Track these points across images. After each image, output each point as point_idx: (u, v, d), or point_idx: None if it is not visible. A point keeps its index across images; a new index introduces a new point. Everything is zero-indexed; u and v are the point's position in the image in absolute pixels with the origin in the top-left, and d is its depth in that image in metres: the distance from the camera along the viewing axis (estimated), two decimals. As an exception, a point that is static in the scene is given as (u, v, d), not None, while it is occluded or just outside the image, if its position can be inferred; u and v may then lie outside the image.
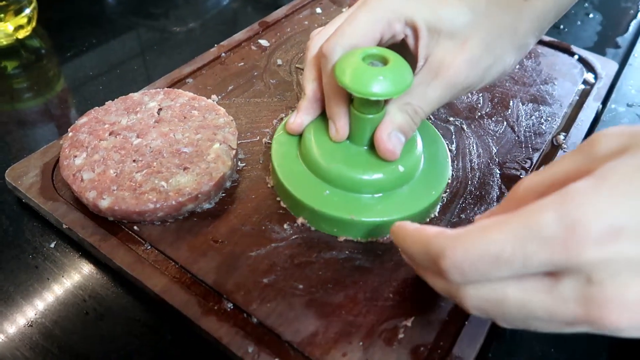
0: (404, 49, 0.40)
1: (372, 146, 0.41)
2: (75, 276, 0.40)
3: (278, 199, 0.44)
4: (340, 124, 0.41)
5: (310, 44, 0.43)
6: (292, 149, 0.44)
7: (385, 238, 0.41)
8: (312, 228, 0.42)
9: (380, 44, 0.40)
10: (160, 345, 0.37)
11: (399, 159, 0.40)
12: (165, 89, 0.51)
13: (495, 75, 0.41)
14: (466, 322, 0.37)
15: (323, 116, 0.44)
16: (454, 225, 0.44)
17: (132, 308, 0.39)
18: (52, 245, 0.42)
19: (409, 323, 0.36)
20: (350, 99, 0.40)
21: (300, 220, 0.42)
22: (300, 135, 0.44)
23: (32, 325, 0.37)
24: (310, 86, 0.43)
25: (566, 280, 0.23)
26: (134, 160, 0.43)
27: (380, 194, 0.41)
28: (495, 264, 0.24)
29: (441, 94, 0.39)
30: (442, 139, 0.47)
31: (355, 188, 0.40)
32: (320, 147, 0.42)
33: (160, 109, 0.49)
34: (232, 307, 0.37)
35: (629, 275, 0.22)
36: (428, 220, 0.44)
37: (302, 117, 0.44)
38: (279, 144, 0.45)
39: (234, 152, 0.45)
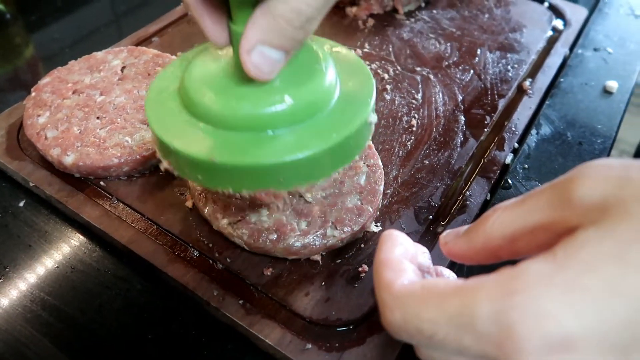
0: None
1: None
2: (45, 233, 0.41)
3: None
4: (206, 22, 0.30)
5: None
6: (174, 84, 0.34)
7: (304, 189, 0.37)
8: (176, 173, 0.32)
9: None
10: (131, 294, 0.38)
11: (286, 88, 0.30)
12: (129, 46, 0.51)
13: None
14: (426, 260, 0.38)
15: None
16: (418, 170, 0.45)
17: (103, 260, 0.39)
18: (21, 204, 0.43)
19: (370, 265, 0.38)
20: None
21: (164, 166, 0.33)
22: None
23: (3, 280, 0.38)
24: None
25: None
26: (97, 117, 0.43)
27: (269, 132, 0.30)
28: (429, 340, 0.22)
29: None
30: (371, 75, 0.34)
31: (230, 124, 0.30)
32: (198, 77, 0.32)
33: (124, 67, 0.48)
34: (198, 255, 0.38)
35: None
36: (353, 164, 0.41)
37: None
38: (162, 78, 0.35)
39: (198, 106, 0.45)
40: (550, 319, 0.18)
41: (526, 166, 0.47)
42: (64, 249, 0.40)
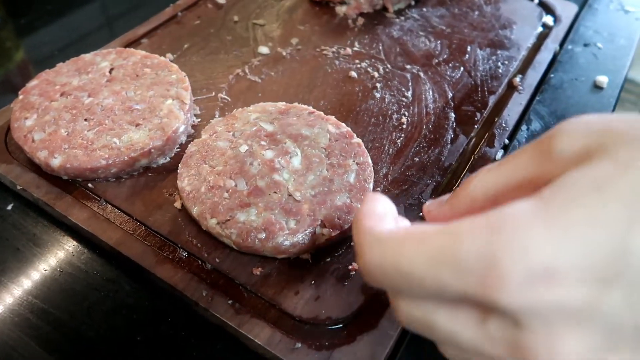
0: None
1: None
2: (33, 235, 0.41)
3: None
4: None
5: None
6: None
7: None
8: None
9: None
10: (120, 296, 0.38)
11: None
12: (118, 48, 0.51)
13: None
14: (416, 258, 0.38)
15: None
16: (408, 168, 0.45)
17: (91, 262, 0.39)
18: (9, 208, 0.42)
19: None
20: None
21: None
22: None
23: (-9, 284, 0.38)
24: None
25: (494, 318, 0.20)
26: (85, 119, 0.43)
27: None
28: (406, 280, 0.21)
29: None
30: None
31: None
32: None
33: (112, 69, 0.48)
34: (186, 255, 0.38)
35: (564, 326, 0.19)
36: None
37: None
38: None
39: (187, 107, 0.45)
40: (533, 251, 0.18)
41: (517, 162, 0.46)
42: (52, 251, 0.40)
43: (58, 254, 0.39)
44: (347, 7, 0.62)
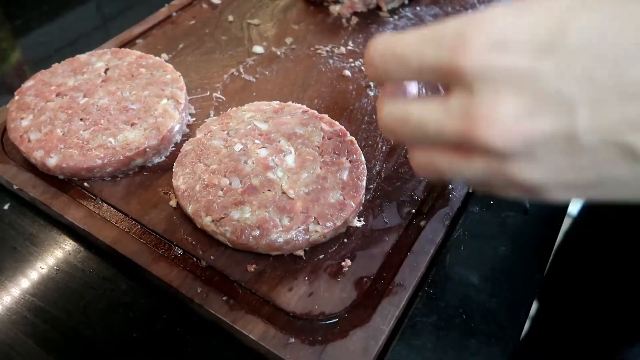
0: None
1: None
2: (29, 235, 0.41)
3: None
4: None
5: None
6: None
7: None
8: None
9: None
10: (116, 294, 0.38)
11: None
12: (113, 48, 0.51)
13: None
14: (409, 253, 0.38)
15: None
16: (401, 165, 0.45)
17: (87, 261, 0.40)
18: (6, 207, 0.43)
19: (353, 259, 0.38)
20: None
21: None
22: None
23: (-12, 283, 0.38)
24: None
25: (455, 94, 0.23)
26: (81, 119, 0.44)
27: None
28: (398, 60, 0.25)
29: None
30: None
31: None
32: None
33: (107, 69, 0.49)
34: (181, 253, 0.38)
35: (507, 90, 0.22)
36: None
37: None
38: None
39: (182, 106, 0.46)
40: (492, 27, 0.22)
41: (509, 159, 0.47)
42: (49, 250, 0.40)
43: (55, 253, 0.40)
44: (340, 7, 0.63)
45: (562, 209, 0.44)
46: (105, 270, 0.39)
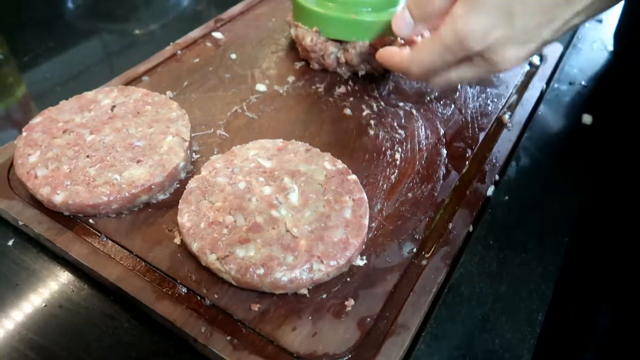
0: None
1: None
2: (33, 271, 0.41)
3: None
4: None
5: None
6: None
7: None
8: (322, 38, 0.57)
9: None
10: (119, 332, 0.38)
11: None
12: (119, 86, 0.52)
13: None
14: (411, 293, 0.39)
15: None
16: (402, 203, 0.46)
17: (91, 298, 0.40)
18: (10, 243, 0.43)
19: (355, 299, 0.38)
20: None
21: (314, 29, 0.57)
22: None
23: (-10, 320, 0.38)
24: None
25: (475, 60, 0.42)
26: (87, 156, 0.44)
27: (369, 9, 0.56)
28: (431, 70, 0.45)
29: None
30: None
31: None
32: None
33: (114, 106, 0.50)
34: (185, 291, 0.38)
35: (506, 47, 0.40)
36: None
37: None
38: None
39: (187, 143, 0.47)
40: (479, 22, 0.39)
41: (507, 197, 0.48)
42: (52, 287, 0.40)
43: (57, 290, 0.40)
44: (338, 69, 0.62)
45: (560, 245, 0.45)
46: (109, 307, 0.39)
